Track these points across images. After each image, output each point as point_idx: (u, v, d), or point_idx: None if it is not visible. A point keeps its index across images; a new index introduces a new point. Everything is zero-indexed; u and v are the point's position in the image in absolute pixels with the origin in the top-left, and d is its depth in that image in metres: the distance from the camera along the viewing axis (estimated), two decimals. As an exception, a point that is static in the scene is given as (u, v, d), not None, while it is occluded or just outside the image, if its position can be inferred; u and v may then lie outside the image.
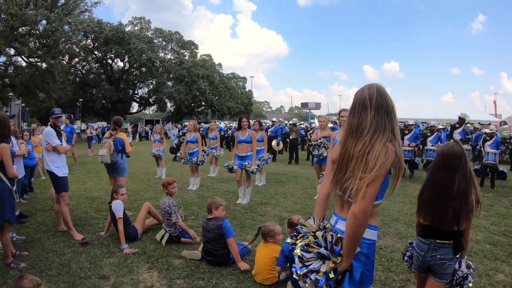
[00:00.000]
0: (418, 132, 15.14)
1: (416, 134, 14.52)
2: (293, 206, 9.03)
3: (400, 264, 5.47)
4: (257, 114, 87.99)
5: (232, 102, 56.46)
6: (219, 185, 11.85)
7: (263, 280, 4.85)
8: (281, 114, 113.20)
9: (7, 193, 5.22)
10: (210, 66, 56.60)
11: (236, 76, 62.45)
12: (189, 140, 11.27)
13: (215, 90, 55.64)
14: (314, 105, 67.26)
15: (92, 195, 10.20)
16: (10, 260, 5.32)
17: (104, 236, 6.64)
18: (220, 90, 55.87)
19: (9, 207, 5.24)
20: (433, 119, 22.26)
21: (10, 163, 5.16)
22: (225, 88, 56.79)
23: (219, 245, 5.39)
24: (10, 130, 5.35)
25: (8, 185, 5.20)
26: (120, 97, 52.65)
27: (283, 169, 15.51)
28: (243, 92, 61.39)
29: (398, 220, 7.90)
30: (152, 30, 56.30)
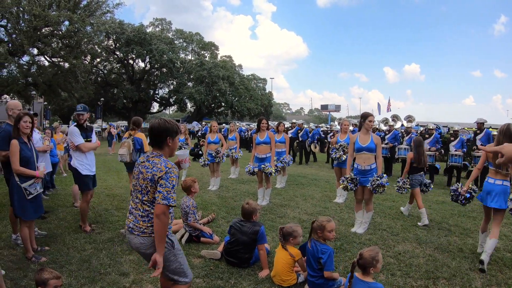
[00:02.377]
0: (439, 136, 15.06)
1: (437, 138, 14.39)
2: (312, 209, 9.05)
3: (418, 270, 5.48)
4: (276, 115, 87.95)
5: (252, 104, 56.64)
6: (239, 186, 11.92)
7: (281, 282, 4.88)
8: (301, 116, 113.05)
9: (16, 188, 5.35)
10: (230, 67, 56.98)
11: (256, 78, 62.68)
12: (212, 141, 11.40)
13: (235, 91, 55.93)
14: (334, 107, 67.27)
15: (112, 192, 10.37)
16: (31, 254, 5.45)
17: (124, 234, 6.67)
18: (240, 91, 56.13)
19: (17, 202, 5.36)
20: (454, 123, 22.01)
21: (14, 159, 5.24)
22: (245, 89, 57.02)
23: (248, 248, 5.44)
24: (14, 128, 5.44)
25: (16, 181, 5.31)
26: (141, 97, 53.02)
27: (303, 171, 15.52)
28: (263, 93, 61.59)
29: (418, 226, 7.86)
30: (173, 31, 56.84)
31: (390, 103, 51.38)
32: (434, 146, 14.16)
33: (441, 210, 9.38)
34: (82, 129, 7.01)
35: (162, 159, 3.54)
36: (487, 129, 13.75)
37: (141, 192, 3.55)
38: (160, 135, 3.60)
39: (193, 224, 6.42)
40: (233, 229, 5.65)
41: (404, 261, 5.86)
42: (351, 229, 7.32)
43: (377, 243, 6.62)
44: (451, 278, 5.28)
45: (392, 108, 46.31)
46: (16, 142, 5.30)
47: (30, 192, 5.45)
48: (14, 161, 5.26)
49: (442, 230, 7.63)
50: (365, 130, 7.11)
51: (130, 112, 49.71)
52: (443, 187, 13.09)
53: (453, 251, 6.38)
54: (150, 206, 3.51)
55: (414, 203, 8.54)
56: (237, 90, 56.06)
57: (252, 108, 56.29)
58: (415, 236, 7.12)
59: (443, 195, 11.48)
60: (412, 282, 5.09)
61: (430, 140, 14.26)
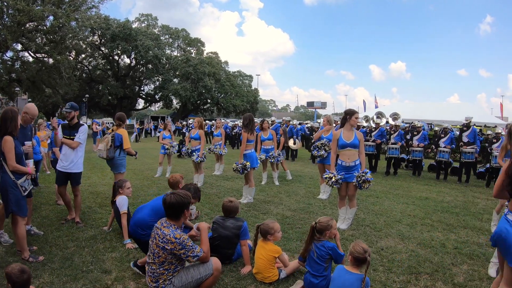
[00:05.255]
0: (426, 133, 15.59)
1: (425, 135, 15.07)
2: (296, 205, 9.02)
3: (401, 265, 5.49)
4: (262, 112, 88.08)
5: (238, 100, 56.64)
6: (223, 182, 11.88)
7: (263, 278, 4.86)
8: (287, 113, 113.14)
9: (11, 185, 5.22)
10: (216, 63, 56.94)
11: (242, 74, 62.59)
12: (193, 137, 11.35)
13: (221, 88, 55.95)
14: (320, 104, 67.35)
15: (96, 190, 10.29)
16: (28, 254, 5.33)
17: (107, 231, 6.70)
18: (226, 88, 56.19)
19: (13, 199, 5.23)
20: (439, 121, 22.28)
21: (10, 155, 5.16)
22: (231, 86, 57.04)
23: (230, 244, 5.40)
24: (15, 124, 5.35)
25: (11, 177, 5.22)
26: (126, 93, 52.77)
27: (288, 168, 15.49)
28: (249, 90, 61.50)
29: (401, 222, 7.88)
30: (159, 27, 56.82)
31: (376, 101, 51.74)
32: (422, 143, 14.77)
33: (425, 206, 9.41)
34: (68, 127, 6.99)
35: (171, 230, 4.06)
36: (473, 126, 14.08)
37: (153, 254, 4.11)
38: (178, 209, 4.15)
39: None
40: (216, 224, 5.59)
41: (386, 256, 5.86)
42: (335, 225, 7.29)
43: (360, 238, 6.59)
44: (433, 273, 5.29)
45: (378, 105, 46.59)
46: (11, 138, 5.22)
47: (25, 188, 5.40)
48: (10, 158, 5.17)
49: (425, 226, 7.65)
50: (349, 126, 7.11)
51: (115, 109, 49.57)
52: (427, 183, 13.20)
53: (436, 247, 6.40)
54: (157, 267, 4.09)
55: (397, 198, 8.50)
56: (223, 87, 56.04)
57: (238, 104, 56.20)
58: (398, 232, 7.12)
59: (426, 191, 11.58)
60: (394, 278, 5.09)
61: (419, 137, 14.90)
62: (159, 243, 4.00)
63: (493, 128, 15.38)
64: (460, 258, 5.94)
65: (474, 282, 5.05)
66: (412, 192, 11.29)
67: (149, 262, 4.17)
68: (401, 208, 9.08)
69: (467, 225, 7.74)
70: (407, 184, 12.85)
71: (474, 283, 5.04)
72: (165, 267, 4.08)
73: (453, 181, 13.80)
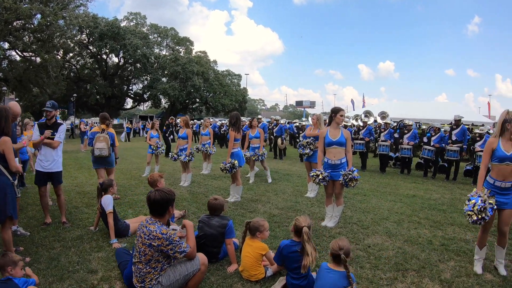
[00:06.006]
0: (416, 131, 15.67)
1: (415, 134, 15.19)
2: (283, 203, 9.02)
3: (388, 262, 5.51)
4: (251, 111, 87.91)
5: (226, 99, 56.59)
6: (210, 181, 11.84)
7: (249, 276, 4.85)
8: (276, 112, 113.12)
9: (9, 187, 5.12)
10: (205, 63, 56.82)
11: (231, 73, 62.55)
12: (180, 136, 11.33)
13: (210, 87, 55.89)
14: (309, 103, 67.73)
15: (83, 190, 10.23)
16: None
17: (94, 231, 6.66)
18: (214, 87, 56.12)
19: (11, 201, 5.12)
20: (428, 120, 22.46)
21: (12, 156, 5.09)
22: (219, 85, 56.97)
23: (216, 242, 5.39)
24: (9, 123, 5.27)
25: (10, 179, 5.14)
26: (114, 92, 52.44)
27: (276, 167, 15.49)
28: (238, 89, 61.51)
29: (388, 219, 7.91)
30: (148, 26, 56.46)
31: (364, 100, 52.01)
32: (413, 141, 14.93)
33: (412, 204, 9.45)
34: (46, 126, 6.91)
35: (156, 226, 4.05)
36: (463, 125, 14.25)
37: (139, 252, 4.09)
38: (163, 205, 4.14)
39: None
40: (201, 223, 5.58)
41: (373, 253, 5.87)
42: (321, 223, 7.32)
43: (347, 236, 6.61)
44: (420, 270, 5.31)
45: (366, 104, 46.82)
46: (9, 138, 5.14)
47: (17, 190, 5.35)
48: (12, 159, 5.08)
49: (412, 223, 7.68)
50: (335, 124, 7.11)
51: (104, 108, 49.17)
52: (414, 181, 13.27)
53: (423, 244, 6.43)
54: (143, 266, 4.06)
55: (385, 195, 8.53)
56: (211, 86, 55.97)
57: (226, 104, 56.16)
58: (385, 229, 7.15)
59: (414, 189, 11.65)
60: (381, 274, 5.10)
61: (409, 135, 15.10)
62: (145, 241, 3.96)
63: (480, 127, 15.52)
64: (447, 254, 5.97)
65: (461, 279, 5.08)
66: (400, 190, 11.35)
67: (135, 262, 4.13)
68: (388, 206, 9.12)
69: (454, 222, 7.78)
70: (394, 182, 12.90)
71: (461, 279, 5.06)
72: (152, 266, 4.05)
73: (441, 179, 13.89)
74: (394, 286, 4.83)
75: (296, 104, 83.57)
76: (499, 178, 5.09)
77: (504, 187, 5.07)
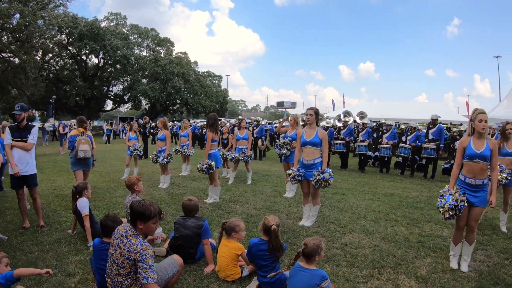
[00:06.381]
0: (395, 131, 16.02)
1: (394, 133, 15.51)
2: (262, 204, 9.07)
3: (364, 260, 5.56)
4: (232, 112, 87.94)
5: (207, 101, 56.44)
6: (189, 183, 11.81)
7: (225, 277, 4.87)
8: (257, 113, 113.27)
9: None
10: (185, 64, 56.63)
11: (212, 75, 62.47)
12: (159, 138, 11.34)
13: (190, 88, 55.73)
14: (290, 104, 67.71)
15: (62, 193, 10.10)
16: None
17: (71, 234, 6.61)
18: (195, 88, 55.98)
19: None
20: (408, 119, 22.75)
21: None
22: (200, 87, 56.82)
23: (192, 243, 5.38)
24: None
25: None
26: (94, 94, 51.64)
27: (255, 167, 15.45)
28: (218, 90, 61.45)
29: (366, 217, 8.00)
30: (128, 26, 55.95)
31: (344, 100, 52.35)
32: (392, 140, 15.22)
33: (390, 202, 9.56)
34: (18, 129, 6.81)
35: (139, 240, 3.76)
36: (439, 124, 14.50)
37: (117, 264, 3.76)
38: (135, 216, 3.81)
39: None
40: (177, 224, 5.59)
41: (350, 252, 5.93)
42: (299, 223, 7.36)
43: (324, 235, 6.67)
44: (397, 267, 5.38)
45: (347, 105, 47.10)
46: None
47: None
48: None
49: (389, 221, 7.77)
50: (309, 124, 7.18)
51: (83, 110, 48.69)
52: (393, 180, 13.41)
53: (400, 241, 6.50)
54: (124, 279, 3.75)
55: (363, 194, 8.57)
56: (192, 87, 55.82)
57: (207, 105, 55.96)
58: (362, 228, 7.22)
59: (392, 187, 11.78)
60: (357, 272, 5.16)
61: (388, 135, 15.38)
62: (124, 252, 3.72)
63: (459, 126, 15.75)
64: (423, 251, 6.06)
65: (437, 275, 5.16)
66: (378, 188, 11.46)
67: (113, 274, 3.83)
68: (366, 205, 9.20)
69: (431, 219, 7.88)
70: (373, 181, 13.02)
71: (437, 275, 5.15)
72: (133, 278, 3.80)
73: (419, 177, 14.06)
74: (370, 283, 4.88)
75: (277, 105, 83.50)
76: (469, 175, 5.22)
77: (474, 184, 5.19)
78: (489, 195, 5.27)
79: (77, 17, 46.75)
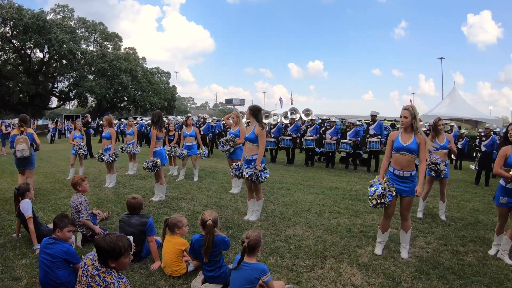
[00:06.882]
0: (339, 127, 16.55)
1: (337, 129, 15.98)
2: (208, 200, 9.11)
3: (307, 251, 5.75)
4: (181, 110, 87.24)
5: (155, 98, 55.85)
6: (136, 181, 11.68)
7: (171, 272, 4.91)
8: (206, 110, 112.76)
9: None
10: (133, 60, 55.69)
11: (160, 71, 61.89)
12: (104, 136, 11.17)
13: (138, 85, 54.91)
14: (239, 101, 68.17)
15: (5, 196, 9.68)
16: None
17: (16, 238, 6.44)
18: (143, 85, 55.21)
19: None
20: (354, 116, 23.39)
21: None
22: (148, 83, 56.12)
23: (137, 241, 5.27)
24: None
25: None
26: (38, 90, 49.68)
27: (202, 165, 15.42)
28: (167, 87, 60.97)
29: (310, 210, 8.21)
30: (75, 19, 53.87)
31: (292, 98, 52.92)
32: (335, 136, 15.70)
33: (334, 195, 9.84)
34: None
35: (114, 276, 3.36)
36: (379, 120, 15.17)
37: None
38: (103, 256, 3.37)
39: (86, 222, 6.14)
40: (121, 222, 5.58)
41: (294, 243, 6.09)
42: (244, 217, 7.49)
43: (269, 228, 6.83)
44: (339, 256, 5.60)
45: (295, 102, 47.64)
46: None
47: None
48: None
49: (333, 213, 8.03)
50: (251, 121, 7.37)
51: (27, 108, 47.16)
52: (338, 174, 13.80)
53: (342, 232, 6.76)
54: None
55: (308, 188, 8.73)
56: (139, 84, 54.96)
57: (155, 102, 55.28)
58: (306, 220, 7.42)
59: (336, 181, 12.13)
60: (300, 263, 5.32)
61: (331, 131, 15.79)
62: None
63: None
64: (365, 240, 6.34)
65: (378, 261, 5.44)
66: (323, 183, 11.74)
67: None
68: (310, 198, 9.43)
69: (373, 211, 8.15)
70: (318, 175, 13.33)
71: (378, 262, 5.43)
72: None
73: (363, 171, 14.57)
74: (313, 272, 5.05)
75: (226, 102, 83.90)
76: (397, 167, 5.58)
77: (402, 176, 5.53)
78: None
79: (23, 8, 44.38)
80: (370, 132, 14.58)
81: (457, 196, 10.67)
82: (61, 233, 4.51)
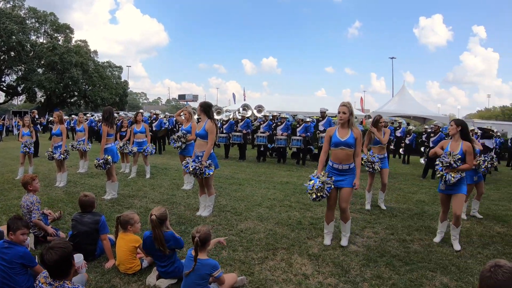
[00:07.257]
0: (289, 123, 16.86)
1: (287, 125, 16.29)
2: (160, 197, 9.13)
3: (259, 244, 5.93)
4: (133, 105, 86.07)
5: (106, 93, 54.73)
6: (88, 180, 11.48)
7: (126, 270, 4.94)
8: (158, 106, 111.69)
9: None
10: (84, 53, 54.32)
11: (112, 65, 60.56)
12: (54, 133, 10.82)
13: (89, 80, 53.61)
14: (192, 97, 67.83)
15: None
16: None
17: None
18: (94, 79, 53.91)
19: None
20: (306, 112, 23.84)
21: None
22: (99, 78, 54.86)
23: (90, 239, 5.35)
24: None
25: None
26: (-16, 85, 48.30)
27: (154, 161, 15.36)
28: (119, 82, 59.88)
29: (261, 205, 8.41)
30: (26, 9, 51.39)
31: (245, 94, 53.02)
32: (286, 132, 16.04)
33: (285, 190, 10.10)
34: None
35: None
36: (328, 116, 15.84)
37: None
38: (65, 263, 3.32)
39: (38, 222, 5.98)
40: (74, 221, 5.53)
41: (245, 237, 6.26)
42: (196, 213, 7.57)
43: (221, 223, 6.96)
44: (290, 247, 5.82)
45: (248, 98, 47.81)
46: None
47: None
48: None
49: (284, 207, 8.27)
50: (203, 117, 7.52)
51: (-28, 104, 45.47)
52: (289, 169, 14.11)
53: (293, 224, 7.00)
54: None
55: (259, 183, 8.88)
56: (90, 78, 53.64)
57: (106, 97, 54.24)
58: (258, 215, 7.60)
59: (288, 176, 12.44)
60: (253, 255, 5.48)
61: (282, 127, 16.15)
62: None
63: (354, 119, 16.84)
64: (315, 232, 6.60)
65: (327, 252, 5.70)
66: (274, 178, 11.99)
67: None
68: (262, 193, 9.63)
69: (323, 203, 8.22)
70: (270, 171, 13.59)
71: (327, 252, 5.69)
72: None
73: (314, 166, 14.72)
74: (265, 264, 5.23)
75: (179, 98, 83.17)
76: (336, 161, 5.88)
77: (341, 169, 5.83)
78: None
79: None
80: (320, 128, 15.13)
81: (404, 188, 11.17)
82: (14, 236, 4.37)
